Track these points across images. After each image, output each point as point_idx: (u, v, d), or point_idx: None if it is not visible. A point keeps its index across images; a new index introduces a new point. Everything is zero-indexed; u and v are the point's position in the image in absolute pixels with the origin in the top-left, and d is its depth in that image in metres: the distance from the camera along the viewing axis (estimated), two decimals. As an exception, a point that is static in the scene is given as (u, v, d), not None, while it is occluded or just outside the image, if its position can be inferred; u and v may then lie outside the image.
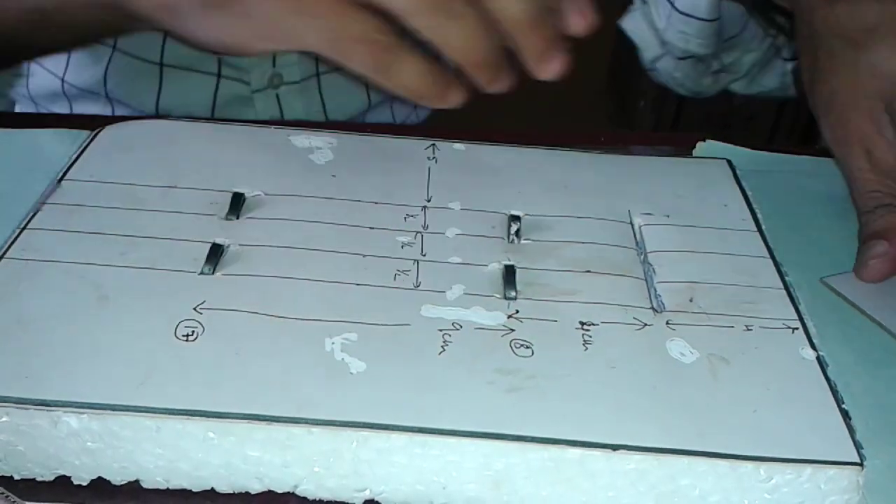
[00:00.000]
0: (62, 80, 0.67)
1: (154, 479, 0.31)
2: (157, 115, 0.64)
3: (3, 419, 0.30)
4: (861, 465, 0.30)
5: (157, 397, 0.30)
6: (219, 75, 0.65)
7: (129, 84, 0.65)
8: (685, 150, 0.50)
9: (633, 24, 0.72)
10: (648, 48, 0.70)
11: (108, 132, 0.45)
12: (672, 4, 0.63)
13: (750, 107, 1.10)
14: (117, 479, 0.31)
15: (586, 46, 0.38)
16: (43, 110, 0.69)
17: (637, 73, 0.90)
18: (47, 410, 0.30)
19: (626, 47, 0.72)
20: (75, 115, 0.67)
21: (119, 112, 0.67)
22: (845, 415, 0.32)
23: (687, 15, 0.61)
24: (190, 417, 0.30)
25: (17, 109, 0.71)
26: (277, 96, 0.67)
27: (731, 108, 1.05)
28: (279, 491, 0.31)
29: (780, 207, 0.45)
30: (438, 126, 0.58)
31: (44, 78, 0.68)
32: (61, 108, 0.69)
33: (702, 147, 0.50)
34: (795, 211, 0.46)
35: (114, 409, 0.30)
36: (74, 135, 0.47)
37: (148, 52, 0.64)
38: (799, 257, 0.42)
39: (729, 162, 0.47)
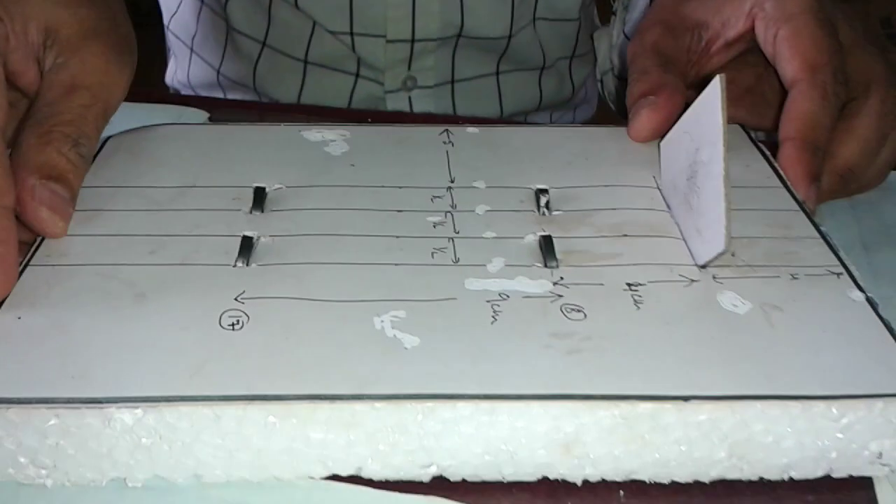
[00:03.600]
0: (217, 72, 0.73)
1: (213, 472, 0.30)
2: (296, 107, 0.67)
3: (52, 422, 0.29)
4: (931, 395, 0.30)
5: (213, 386, 0.29)
6: (357, 75, 0.68)
7: (275, 78, 0.70)
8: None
9: (598, 35, 0.74)
10: (602, 61, 0.72)
11: (115, 141, 0.44)
12: (623, 25, 0.65)
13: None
14: (174, 475, 0.30)
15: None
16: None
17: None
18: (99, 408, 0.29)
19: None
20: (199, 97, 0.74)
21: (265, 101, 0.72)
22: (905, 349, 0.31)
23: (629, 39, 0.62)
24: (250, 402, 0.29)
25: None
26: (409, 98, 0.69)
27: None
28: (343, 474, 0.30)
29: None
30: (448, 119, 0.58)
31: (203, 69, 0.75)
32: (216, 96, 0.75)
33: None
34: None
35: (169, 401, 0.29)
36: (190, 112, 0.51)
37: (294, 50, 0.68)
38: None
39: (742, 126, 0.47)
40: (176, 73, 0.80)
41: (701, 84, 0.39)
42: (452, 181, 0.41)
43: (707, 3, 0.47)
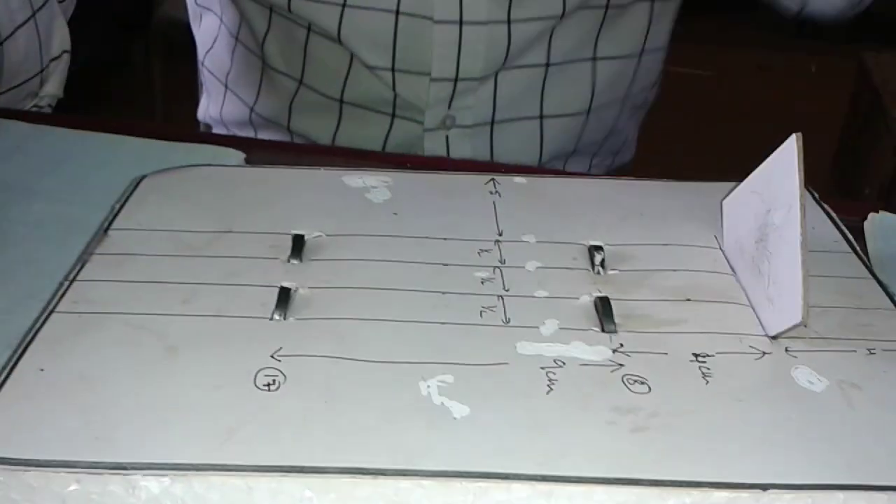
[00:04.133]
0: (251, 110, 0.72)
1: (243, 548, 0.27)
2: (333, 149, 0.66)
3: (72, 487, 0.26)
4: None
5: (245, 454, 0.27)
6: (393, 115, 0.67)
7: (310, 117, 0.69)
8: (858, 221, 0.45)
9: None
10: None
11: (150, 181, 0.42)
12: None
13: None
14: (200, 550, 0.27)
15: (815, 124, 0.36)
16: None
17: (864, 158, 0.85)
18: (124, 474, 0.26)
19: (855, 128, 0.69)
20: (235, 137, 0.71)
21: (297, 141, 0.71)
22: None
23: None
24: (285, 474, 0.26)
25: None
26: (447, 137, 0.67)
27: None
28: (383, 555, 0.27)
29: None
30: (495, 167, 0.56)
31: (236, 106, 0.74)
32: (247, 135, 0.73)
33: (874, 218, 0.45)
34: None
35: (198, 470, 0.26)
36: (226, 153, 0.48)
37: (330, 89, 0.67)
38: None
39: (808, 188, 0.44)
40: (209, 109, 0.79)
41: None
42: (500, 234, 0.39)
43: None
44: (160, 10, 2.06)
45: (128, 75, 1.96)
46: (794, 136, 0.32)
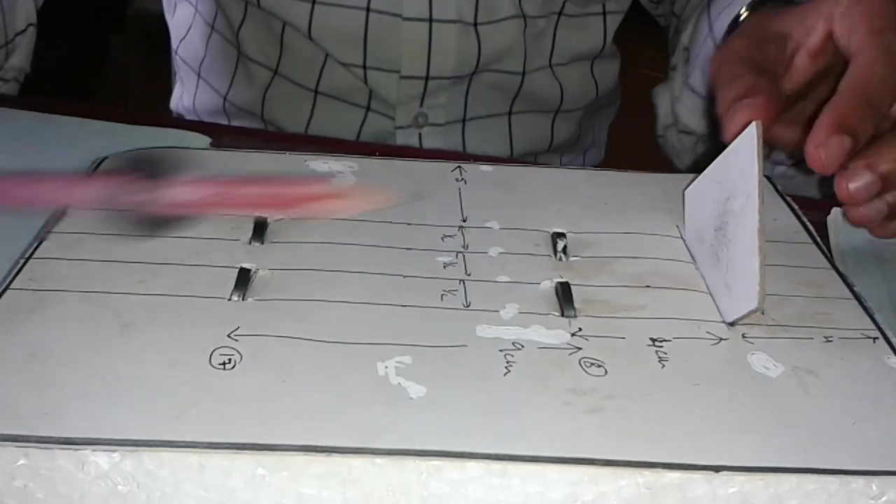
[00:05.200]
0: (224, 99, 0.71)
1: (194, 526, 0.27)
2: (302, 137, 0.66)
3: (21, 462, 0.26)
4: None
5: (199, 431, 0.27)
6: (367, 108, 0.67)
7: (284, 106, 0.68)
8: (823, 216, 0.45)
9: (657, 92, 0.71)
10: (664, 116, 0.70)
11: (112, 161, 0.42)
12: (686, 78, 0.63)
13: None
14: (151, 527, 0.27)
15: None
16: None
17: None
18: (73, 449, 0.26)
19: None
20: (203, 122, 0.71)
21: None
22: (951, 425, 0.29)
23: (693, 91, 0.61)
24: (238, 451, 0.26)
25: None
26: (420, 135, 0.67)
27: None
28: (336, 534, 0.27)
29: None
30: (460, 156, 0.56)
31: (209, 95, 0.73)
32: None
33: (837, 212, 0.45)
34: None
35: (150, 446, 0.26)
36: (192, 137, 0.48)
37: (305, 79, 0.67)
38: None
39: (768, 178, 0.45)
40: (182, 99, 0.78)
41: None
42: (465, 220, 0.39)
43: (791, 14, 0.45)
44: (136, 3, 2.04)
45: (105, 68, 1.95)
46: (754, 124, 0.32)
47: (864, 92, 0.38)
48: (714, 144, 0.42)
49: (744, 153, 0.33)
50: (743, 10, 0.51)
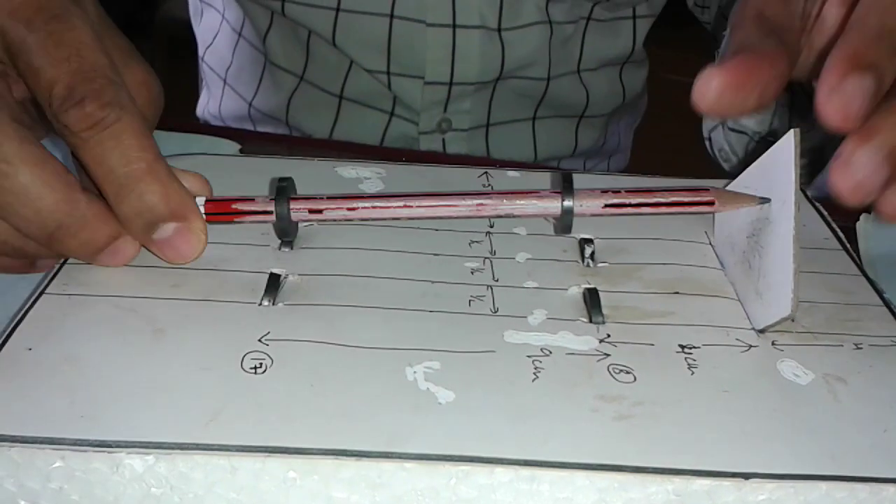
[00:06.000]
0: (250, 105, 0.72)
1: (226, 528, 0.27)
2: (328, 142, 0.67)
3: (56, 464, 0.27)
4: None
5: (231, 434, 0.27)
6: (391, 114, 0.67)
7: (309, 112, 0.69)
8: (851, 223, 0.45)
9: None
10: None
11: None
12: None
13: None
14: (183, 530, 0.27)
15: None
16: None
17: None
18: (108, 452, 0.26)
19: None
20: (230, 128, 0.72)
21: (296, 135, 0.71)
22: (984, 434, 0.29)
23: None
24: (269, 455, 0.26)
25: None
26: (443, 140, 0.68)
27: None
28: (365, 538, 0.27)
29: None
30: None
31: (235, 101, 0.74)
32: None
33: (867, 218, 0.44)
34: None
35: (183, 449, 0.26)
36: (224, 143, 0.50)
37: (330, 85, 0.67)
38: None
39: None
40: (208, 105, 0.79)
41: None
42: (491, 226, 0.39)
43: None
44: (163, 9, 2.06)
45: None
46: (792, 131, 0.32)
47: (880, 17, 0.30)
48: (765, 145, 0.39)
49: (781, 159, 0.33)
50: None
